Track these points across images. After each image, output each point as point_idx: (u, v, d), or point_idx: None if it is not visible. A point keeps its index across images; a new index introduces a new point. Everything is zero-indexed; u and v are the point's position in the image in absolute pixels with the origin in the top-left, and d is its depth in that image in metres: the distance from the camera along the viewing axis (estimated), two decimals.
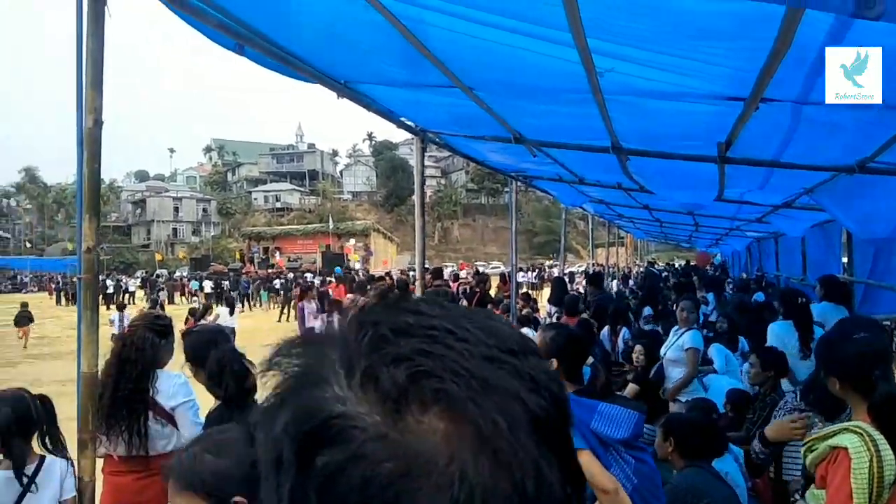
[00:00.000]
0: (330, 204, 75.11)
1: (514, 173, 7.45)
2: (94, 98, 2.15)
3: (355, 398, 0.39)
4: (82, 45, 2.13)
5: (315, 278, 32.67)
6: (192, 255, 59.47)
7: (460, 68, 3.00)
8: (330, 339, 0.44)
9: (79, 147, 2.17)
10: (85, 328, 2.23)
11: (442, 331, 0.41)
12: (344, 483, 0.37)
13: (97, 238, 2.23)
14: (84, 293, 2.22)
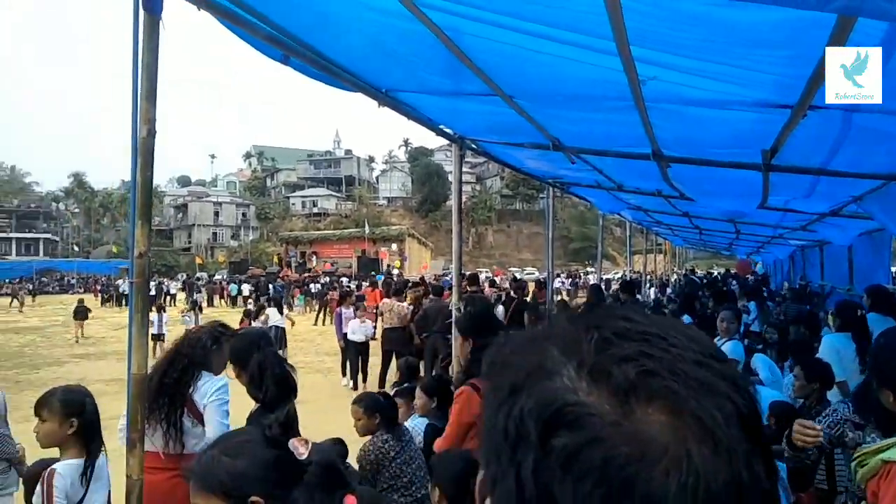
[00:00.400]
0: (366, 209, 75.76)
1: (550, 180, 7.42)
2: (148, 109, 2.23)
3: (586, 390, 0.45)
4: (138, 58, 2.20)
5: (351, 283, 32.97)
6: (231, 259, 60.67)
7: (501, 77, 3.02)
8: (552, 339, 0.50)
9: (133, 156, 2.25)
10: (136, 330, 2.30)
11: (655, 336, 0.48)
12: (585, 461, 0.42)
13: (148, 243, 2.30)
14: (136, 297, 2.29)
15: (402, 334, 10.03)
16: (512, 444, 0.46)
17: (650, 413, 0.44)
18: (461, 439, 2.80)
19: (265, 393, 2.75)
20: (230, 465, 1.25)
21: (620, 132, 3.71)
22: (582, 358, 0.47)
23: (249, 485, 1.22)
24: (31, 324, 23.83)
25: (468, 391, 2.83)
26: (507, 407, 0.48)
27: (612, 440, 0.43)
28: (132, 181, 2.30)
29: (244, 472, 1.24)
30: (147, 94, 2.22)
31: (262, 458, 1.26)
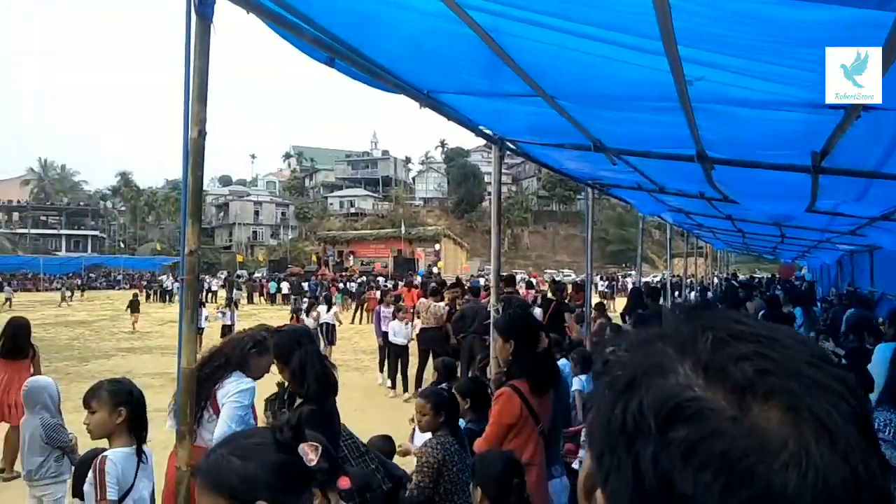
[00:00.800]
0: (402, 209, 76.23)
1: (590, 181, 7.35)
2: (199, 111, 2.29)
3: (703, 386, 0.48)
4: (190, 61, 2.27)
5: (387, 282, 33.21)
6: (270, 257, 61.72)
7: (543, 78, 3.01)
8: (666, 339, 0.53)
9: (184, 156, 2.31)
10: (185, 326, 2.37)
11: (767, 338, 0.50)
12: (706, 453, 0.45)
13: (198, 241, 2.36)
14: (186, 293, 2.35)
15: (439, 334, 10.05)
16: (630, 436, 0.48)
17: (767, 409, 0.45)
18: (501, 440, 2.80)
19: (307, 389, 2.79)
20: (239, 466, 1.23)
21: (664, 133, 3.65)
22: (698, 357, 0.50)
23: (257, 488, 1.20)
24: (79, 318, 24.64)
25: (509, 392, 2.83)
26: (624, 402, 0.50)
27: (731, 433, 0.45)
28: (183, 181, 2.36)
29: (253, 474, 1.22)
30: (198, 96, 2.28)
31: (271, 461, 1.24)
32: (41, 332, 18.88)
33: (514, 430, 2.82)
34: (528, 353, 2.91)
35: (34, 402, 4.26)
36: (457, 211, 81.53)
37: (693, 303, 10.11)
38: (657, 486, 0.46)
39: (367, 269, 47.73)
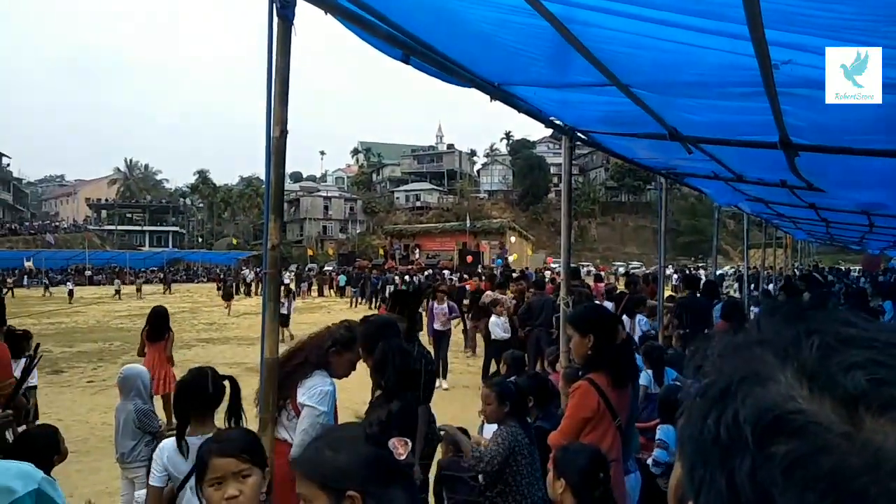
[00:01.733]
0: (467, 202, 76.34)
1: (663, 171, 7.15)
2: (281, 111, 2.37)
3: (808, 397, 0.44)
4: (272, 62, 2.34)
5: (452, 275, 33.39)
6: (339, 251, 63.12)
7: (618, 66, 2.95)
8: (765, 344, 0.49)
9: (267, 154, 2.40)
10: (268, 318, 2.46)
11: (884, 343, 0.46)
12: (811, 471, 0.41)
13: (280, 236, 2.45)
14: (268, 286, 2.45)
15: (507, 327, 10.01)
16: (724, 448, 0.46)
17: (883, 424, 0.41)
18: (577, 433, 2.77)
19: (386, 380, 2.81)
20: (331, 458, 1.30)
21: (745, 120, 3.51)
22: (802, 364, 0.46)
23: (346, 479, 1.27)
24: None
25: (586, 385, 2.80)
26: (718, 411, 0.47)
27: (841, 450, 0.41)
28: (266, 179, 2.45)
29: (343, 466, 1.28)
30: (280, 96, 2.36)
31: (360, 454, 1.30)
32: (127, 324, 20.03)
33: (591, 424, 2.78)
34: (606, 347, 2.87)
35: (129, 389, 4.52)
36: (522, 203, 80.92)
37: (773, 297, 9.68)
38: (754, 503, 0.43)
39: (433, 262, 48.08)
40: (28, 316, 21.13)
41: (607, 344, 2.87)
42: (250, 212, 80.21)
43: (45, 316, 22.70)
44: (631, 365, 3.09)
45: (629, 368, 3.04)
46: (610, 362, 2.84)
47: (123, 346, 15.15)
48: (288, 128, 2.44)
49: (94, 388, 10.04)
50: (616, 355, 2.89)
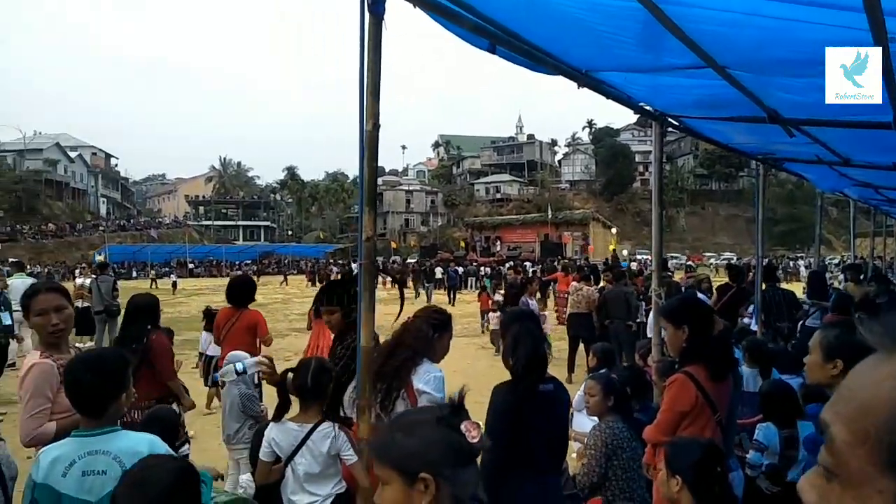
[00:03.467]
0: (548, 193, 75.37)
1: (760, 156, 6.79)
2: (373, 105, 2.43)
3: None
4: (364, 57, 2.40)
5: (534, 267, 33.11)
6: (421, 244, 64.01)
7: (715, 47, 2.83)
8: None
9: (361, 148, 2.46)
10: (364, 307, 2.53)
11: None
12: None
13: (374, 228, 2.51)
14: (364, 277, 2.52)
15: (590, 320, 9.84)
16: None
17: None
18: (674, 428, 2.70)
19: (515, 364, 2.77)
20: (403, 441, 1.33)
21: None
22: None
23: (419, 461, 1.29)
24: (258, 301, 27.17)
25: (683, 378, 2.71)
26: None
27: None
28: (360, 172, 2.52)
29: (415, 449, 1.31)
30: (372, 90, 2.42)
31: (431, 437, 1.32)
32: None
33: (689, 419, 2.70)
34: (703, 338, 2.77)
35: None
36: (605, 193, 79.05)
37: None
38: None
39: (514, 254, 47.89)
40: None
41: (703, 335, 2.77)
42: (336, 206, 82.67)
43: None
44: (730, 357, 2.97)
45: (728, 361, 2.92)
46: (707, 354, 2.74)
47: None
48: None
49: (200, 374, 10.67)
50: (714, 347, 2.78)
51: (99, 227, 64.19)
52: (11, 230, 54.08)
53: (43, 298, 2.78)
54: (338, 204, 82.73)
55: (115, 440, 2.04)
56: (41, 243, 54.08)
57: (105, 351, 2.34)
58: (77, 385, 2.09)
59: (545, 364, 2.83)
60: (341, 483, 2.94)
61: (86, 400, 2.07)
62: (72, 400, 2.12)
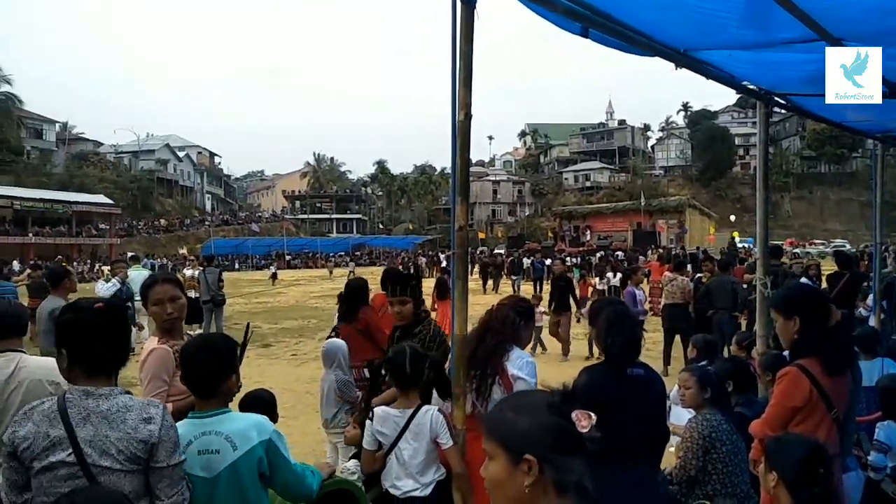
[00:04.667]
0: (640, 181, 72.96)
1: (879, 134, 6.27)
2: (465, 94, 2.43)
3: None
4: (456, 47, 2.41)
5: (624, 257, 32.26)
6: (509, 234, 63.77)
7: (829, 18, 2.62)
8: None
9: (453, 138, 2.48)
10: (458, 296, 2.56)
11: None
12: None
13: (467, 218, 2.53)
14: (457, 265, 2.54)
15: (686, 311, 9.46)
16: None
17: None
18: (784, 423, 2.54)
19: (609, 346, 2.72)
20: (513, 420, 1.35)
21: None
22: None
23: (525, 443, 1.31)
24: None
25: (795, 372, 2.56)
26: None
27: None
28: (451, 161, 2.54)
29: (522, 430, 1.33)
30: (464, 80, 2.42)
31: (540, 421, 1.33)
32: (320, 303, 21.99)
33: (801, 414, 2.53)
34: (817, 330, 2.59)
35: (330, 361, 4.95)
36: (703, 179, 75.59)
37: None
38: None
39: (605, 243, 46.80)
40: (240, 296, 24.06)
41: (818, 326, 2.59)
42: (424, 198, 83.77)
43: (253, 296, 25.70)
44: (848, 350, 2.76)
45: (846, 354, 2.72)
46: (823, 347, 2.56)
47: (319, 324, 16.66)
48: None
49: (298, 361, 11.17)
50: (830, 339, 2.60)
51: (205, 221, 68.43)
52: (129, 226, 58.53)
53: (160, 289, 2.96)
54: (426, 196, 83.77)
55: (226, 422, 2.18)
56: (154, 238, 58.18)
57: (214, 336, 2.50)
58: (192, 367, 2.24)
59: (639, 348, 2.75)
60: (441, 469, 2.99)
61: (199, 381, 2.22)
62: (187, 381, 2.27)
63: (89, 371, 1.91)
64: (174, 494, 1.91)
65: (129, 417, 1.85)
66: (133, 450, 1.83)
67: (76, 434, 1.81)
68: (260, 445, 2.16)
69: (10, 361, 2.71)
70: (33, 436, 1.82)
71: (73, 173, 60.58)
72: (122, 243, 51.82)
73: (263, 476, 2.20)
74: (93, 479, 1.80)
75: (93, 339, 1.91)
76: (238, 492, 2.14)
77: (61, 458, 1.79)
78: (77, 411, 1.84)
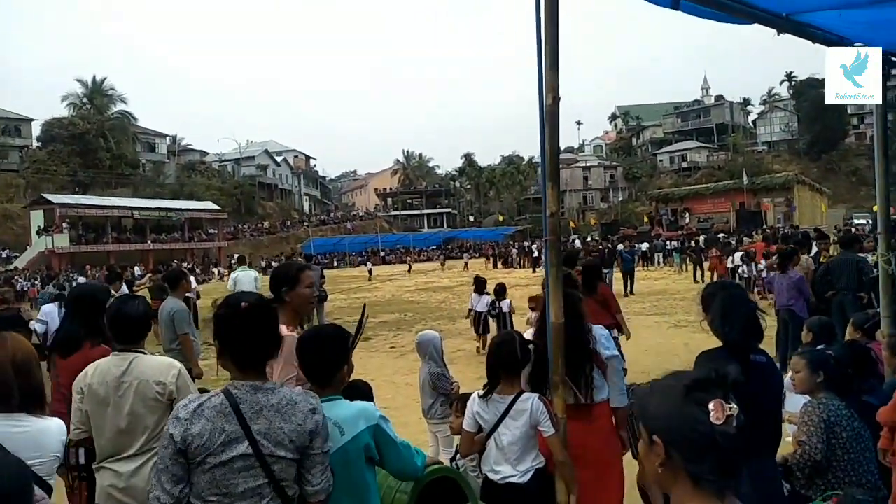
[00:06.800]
0: (742, 158, 69.01)
1: None
2: (552, 77, 2.40)
3: None
4: (541, 30, 2.38)
5: (729, 238, 30.69)
6: (601, 221, 62.24)
7: None
8: None
9: (541, 123, 2.45)
10: (552, 283, 2.53)
11: None
12: None
13: (558, 204, 2.49)
14: (550, 252, 2.51)
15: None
16: None
17: None
18: None
19: (729, 330, 2.60)
20: (648, 398, 1.37)
21: None
22: None
23: (656, 425, 1.32)
24: (443, 284, 28.54)
25: None
26: None
27: None
28: (540, 147, 2.51)
29: (652, 410, 1.34)
30: (551, 63, 2.39)
31: (670, 405, 1.31)
32: (416, 297, 22.41)
33: None
34: None
35: (424, 353, 5.05)
36: (811, 152, 70.47)
37: None
38: None
39: (705, 226, 44.67)
40: (340, 292, 24.94)
41: None
42: (513, 188, 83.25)
43: (352, 291, 26.60)
44: None
45: None
46: None
47: (415, 317, 17.01)
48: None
49: (396, 354, 11.46)
50: None
51: (303, 222, 71.44)
52: (234, 230, 62.05)
53: (309, 274, 3.18)
54: (514, 186, 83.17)
55: (336, 408, 2.27)
56: (258, 240, 61.34)
57: (329, 327, 2.63)
58: (308, 356, 2.35)
59: (761, 333, 2.60)
60: (540, 457, 2.98)
61: (316, 369, 2.33)
62: (304, 370, 2.38)
63: (238, 364, 2.01)
64: (323, 480, 2.02)
65: (297, 410, 1.97)
66: (302, 440, 1.95)
67: (251, 428, 1.90)
68: (367, 431, 2.24)
69: (123, 361, 2.90)
70: (209, 432, 1.88)
71: (183, 182, 65.03)
72: (229, 246, 55.08)
73: (372, 460, 2.29)
74: (269, 469, 1.91)
75: (239, 334, 2.01)
76: (347, 475, 2.22)
77: (240, 452, 1.89)
78: (249, 406, 1.93)
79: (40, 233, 44.73)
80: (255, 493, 1.91)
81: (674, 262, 31.19)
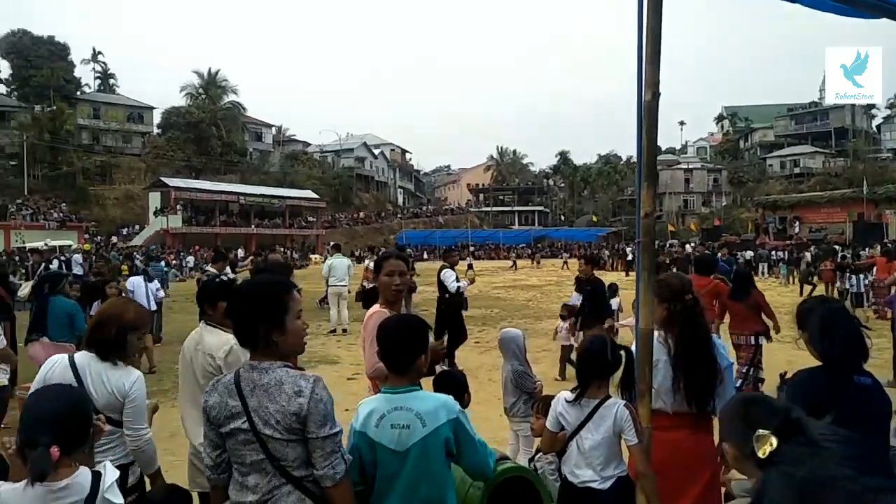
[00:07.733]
0: (863, 165, 63.81)
1: None
2: (653, 73, 2.30)
3: None
4: (642, 22, 2.28)
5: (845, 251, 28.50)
6: (702, 226, 59.53)
7: None
8: None
9: (638, 119, 2.35)
10: (643, 287, 2.43)
11: None
12: None
13: (653, 204, 2.39)
14: (643, 255, 2.41)
15: None
16: None
17: None
18: None
19: (829, 348, 2.42)
20: (734, 418, 1.56)
21: None
22: None
23: (730, 430, 1.56)
24: (531, 282, 28.31)
25: None
26: None
27: None
28: (637, 144, 2.41)
29: (733, 427, 1.54)
30: (651, 58, 2.29)
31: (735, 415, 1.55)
32: (502, 293, 22.34)
33: None
34: None
35: (506, 350, 5.02)
36: None
37: None
38: None
39: (817, 236, 41.74)
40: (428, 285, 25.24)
41: None
42: (609, 189, 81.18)
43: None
44: None
45: None
46: None
47: (501, 313, 16.96)
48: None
49: (481, 349, 11.47)
50: None
51: (397, 214, 73.01)
52: (332, 218, 64.31)
53: (393, 262, 3.27)
54: (610, 187, 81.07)
55: (416, 399, 2.28)
56: (354, 229, 63.27)
57: (410, 316, 2.67)
58: (388, 343, 2.38)
59: (866, 351, 2.39)
60: (624, 465, 2.89)
61: (395, 357, 2.35)
62: (383, 356, 2.40)
63: (243, 342, 2.16)
64: (325, 466, 2.01)
65: (283, 391, 2.01)
66: (288, 421, 1.98)
67: (248, 404, 2.02)
68: (447, 424, 2.24)
69: (200, 332, 3.37)
70: (218, 405, 2.06)
71: (286, 171, 68.18)
72: (326, 234, 57.13)
73: (450, 454, 2.29)
74: (264, 444, 2.00)
75: (244, 313, 2.13)
76: (426, 468, 2.23)
77: (239, 426, 2.02)
78: (246, 384, 2.05)
79: (157, 213, 48.21)
80: (260, 467, 2.02)
81: (780, 273, 29.36)
